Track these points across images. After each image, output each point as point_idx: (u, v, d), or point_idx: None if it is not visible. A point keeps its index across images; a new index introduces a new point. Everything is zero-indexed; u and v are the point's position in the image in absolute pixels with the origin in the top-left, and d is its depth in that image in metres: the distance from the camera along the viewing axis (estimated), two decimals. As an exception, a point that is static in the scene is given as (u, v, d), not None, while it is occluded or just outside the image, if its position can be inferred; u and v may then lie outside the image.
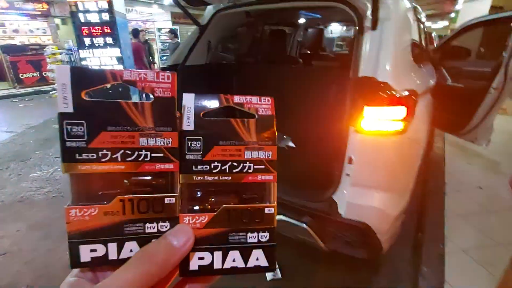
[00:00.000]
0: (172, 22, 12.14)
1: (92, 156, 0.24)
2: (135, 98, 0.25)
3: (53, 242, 2.17)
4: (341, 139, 1.47)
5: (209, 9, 2.26)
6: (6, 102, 7.20)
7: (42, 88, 8.32)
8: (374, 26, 1.44)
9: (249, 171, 0.27)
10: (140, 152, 0.25)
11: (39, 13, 9.25)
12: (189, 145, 0.26)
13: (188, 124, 0.26)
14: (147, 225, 0.25)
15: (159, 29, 12.30)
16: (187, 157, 0.26)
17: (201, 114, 0.26)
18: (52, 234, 2.25)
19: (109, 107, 0.24)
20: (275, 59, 2.57)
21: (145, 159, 0.25)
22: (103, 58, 4.92)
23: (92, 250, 0.24)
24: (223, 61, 2.71)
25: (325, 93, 2.07)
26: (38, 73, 8.68)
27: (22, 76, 8.51)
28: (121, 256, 0.24)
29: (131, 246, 0.24)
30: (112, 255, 0.24)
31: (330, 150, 1.67)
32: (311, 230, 1.55)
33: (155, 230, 0.25)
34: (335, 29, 6.29)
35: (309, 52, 3.06)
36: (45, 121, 5.31)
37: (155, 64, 6.79)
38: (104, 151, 0.24)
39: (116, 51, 4.89)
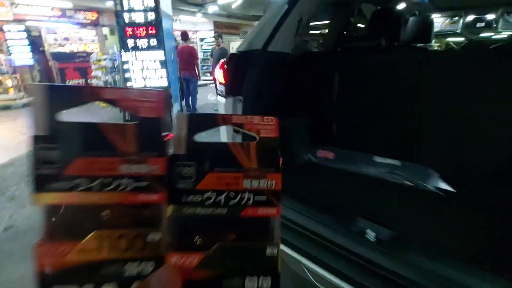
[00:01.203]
0: (214, 32, 11.90)
1: (66, 184, 0.21)
2: (117, 120, 0.11)
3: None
4: None
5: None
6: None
7: (86, 95, 8.28)
8: None
9: (249, 203, 0.24)
10: (121, 181, 0.22)
11: (89, 22, 9.42)
12: (180, 171, 0.23)
13: (179, 147, 0.23)
14: (128, 265, 0.21)
15: (202, 39, 12.13)
16: (177, 185, 0.23)
17: (194, 137, 0.23)
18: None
19: (85, 129, 0.21)
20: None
21: (127, 189, 0.22)
22: (146, 61, 4.42)
23: None
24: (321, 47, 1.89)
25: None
26: (84, 79, 8.74)
27: (68, 82, 8.59)
28: None
29: None
30: None
31: None
32: None
33: (137, 271, 0.21)
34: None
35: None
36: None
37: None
38: (80, 179, 0.21)
39: (160, 54, 4.36)
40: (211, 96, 8.85)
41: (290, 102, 1.58)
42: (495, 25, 3.32)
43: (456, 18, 3.54)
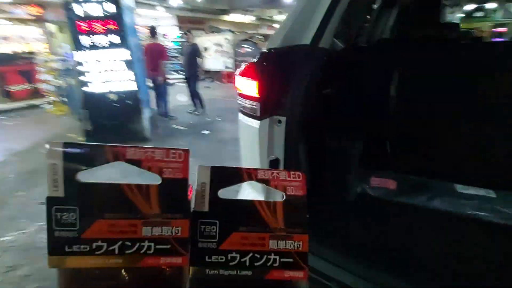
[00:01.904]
0: (179, 27, 11.11)
1: (85, 248, 0.21)
2: (140, 180, 0.21)
3: None
4: None
5: None
6: (-10, 120, 6.06)
7: (35, 102, 7.18)
8: None
9: (275, 265, 0.23)
10: (142, 244, 0.21)
11: (32, 18, 8.17)
12: (203, 230, 0.23)
13: (202, 204, 0.23)
14: None
15: (164, 34, 11.26)
16: (200, 245, 0.22)
17: (218, 193, 0.23)
18: None
19: (109, 191, 0.21)
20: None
21: (148, 252, 0.21)
22: (106, 62, 3.74)
23: None
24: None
25: None
26: (30, 85, 7.56)
27: (11, 88, 7.36)
28: None
29: None
30: None
31: None
32: None
33: None
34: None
35: None
36: (33, 145, 4.15)
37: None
38: (100, 243, 0.21)
39: (124, 53, 3.70)
40: (181, 96, 8.21)
41: (337, 117, 1.16)
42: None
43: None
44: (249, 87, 0.95)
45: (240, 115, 1.10)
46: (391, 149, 1.22)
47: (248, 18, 14.22)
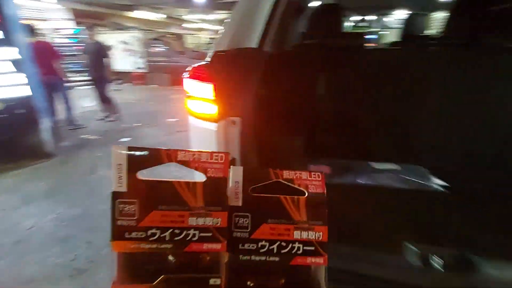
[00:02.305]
0: (76, 22, 9.66)
1: (141, 234, 0.24)
2: (188, 178, 0.25)
3: None
4: None
5: None
6: None
7: None
8: None
9: (298, 252, 0.26)
10: (189, 232, 0.24)
11: None
12: (237, 222, 0.25)
13: (236, 199, 0.26)
14: None
15: (56, 30, 9.61)
16: (234, 234, 0.25)
17: (249, 190, 0.26)
18: None
19: (163, 187, 0.25)
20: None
21: (193, 239, 0.25)
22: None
23: None
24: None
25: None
26: None
27: None
28: None
29: None
30: None
31: None
32: None
33: None
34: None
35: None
36: None
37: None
38: (154, 230, 0.24)
39: (11, 52, 3.04)
40: (87, 101, 7.24)
41: (279, 114, 1.27)
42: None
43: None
44: (204, 89, 0.96)
45: (192, 119, 1.08)
46: (324, 139, 1.41)
47: (156, 16, 13.42)
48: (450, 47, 1.48)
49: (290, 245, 0.26)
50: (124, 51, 10.02)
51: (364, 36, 1.61)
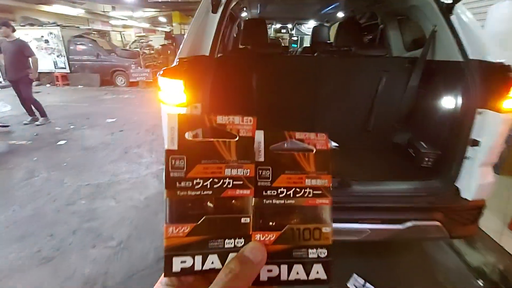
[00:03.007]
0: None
1: (188, 183, 0.28)
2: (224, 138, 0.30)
3: None
4: (459, 122, 1.43)
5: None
6: None
7: None
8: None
9: (309, 196, 0.31)
10: (225, 181, 0.29)
11: None
12: (260, 173, 0.30)
13: (259, 155, 0.30)
14: (226, 241, 0.29)
15: None
16: (259, 183, 0.30)
17: (269, 148, 0.31)
18: None
19: (204, 145, 0.29)
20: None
21: (228, 186, 0.29)
22: None
23: (182, 262, 0.28)
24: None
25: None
26: None
27: None
28: (204, 268, 0.28)
29: (212, 259, 0.28)
30: (198, 266, 0.28)
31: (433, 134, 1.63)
32: (443, 225, 1.45)
33: (232, 245, 0.29)
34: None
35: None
36: None
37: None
38: (198, 180, 0.29)
39: None
40: (2, 105, 6.55)
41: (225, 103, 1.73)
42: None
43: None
44: (175, 85, 1.33)
45: (165, 107, 1.44)
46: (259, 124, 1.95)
47: (77, 11, 12.28)
48: (337, 53, 2.20)
49: (303, 191, 0.30)
50: (40, 49, 9.04)
51: (282, 45, 2.23)
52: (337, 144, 1.84)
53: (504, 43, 3.14)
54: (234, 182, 0.29)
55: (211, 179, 0.29)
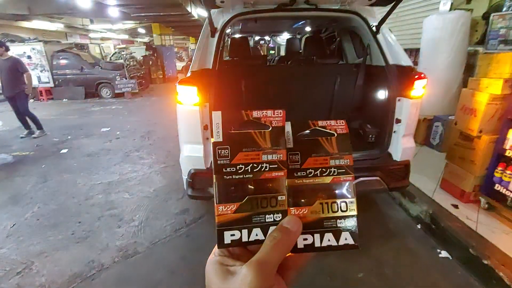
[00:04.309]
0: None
1: (233, 169, 0.33)
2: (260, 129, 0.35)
3: None
4: (387, 108, 2.09)
5: (223, 13, 2.24)
6: None
7: None
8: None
9: (334, 174, 0.35)
10: (262, 165, 0.34)
11: None
12: (291, 158, 0.35)
13: (289, 142, 0.35)
14: (267, 216, 0.33)
15: None
16: (290, 166, 0.35)
17: (297, 135, 0.35)
18: None
19: (244, 136, 0.34)
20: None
21: (265, 170, 0.34)
22: None
23: (232, 235, 0.32)
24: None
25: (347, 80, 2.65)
26: None
27: None
28: (250, 239, 0.33)
29: (256, 232, 0.33)
30: (244, 238, 0.33)
31: (374, 118, 2.26)
32: (382, 179, 2.10)
33: (272, 220, 0.33)
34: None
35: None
36: None
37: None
38: (240, 165, 0.34)
39: None
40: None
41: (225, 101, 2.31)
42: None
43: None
44: (191, 90, 1.89)
45: (180, 106, 1.99)
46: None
47: (56, 26, 12.39)
48: (304, 62, 2.88)
49: (328, 170, 0.34)
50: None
51: (261, 53, 2.89)
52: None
53: (438, 47, 3.96)
54: (270, 166, 0.34)
55: (251, 164, 0.33)
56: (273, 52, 10.29)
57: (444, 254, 2.18)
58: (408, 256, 2.20)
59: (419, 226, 2.56)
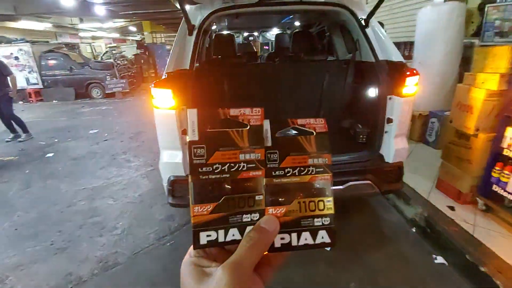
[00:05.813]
0: None
1: (209, 169, 0.32)
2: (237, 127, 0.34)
3: None
4: (378, 106, 1.97)
5: (201, 10, 2.10)
6: None
7: None
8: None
9: (312, 173, 0.35)
10: (240, 164, 0.33)
11: None
12: (269, 157, 0.34)
13: (267, 142, 0.34)
14: (244, 216, 0.33)
15: None
16: (268, 165, 0.34)
17: (276, 134, 0.35)
18: None
19: (221, 134, 0.33)
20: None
21: (243, 169, 0.33)
22: None
23: (207, 236, 0.32)
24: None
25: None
26: None
27: None
28: (227, 239, 0.32)
29: (233, 232, 0.32)
30: (221, 239, 0.32)
31: (365, 117, 2.14)
32: (373, 183, 1.97)
33: (249, 219, 0.33)
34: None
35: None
36: None
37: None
38: (217, 165, 0.32)
39: None
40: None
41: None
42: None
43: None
44: (165, 93, 1.75)
45: (156, 110, 1.85)
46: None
47: (44, 25, 12.11)
48: (293, 58, 2.74)
49: (306, 169, 0.34)
50: (11, 67, 8.93)
51: (253, 49, 2.75)
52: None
53: (432, 40, 3.83)
54: (248, 165, 0.33)
55: (228, 164, 0.32)
56: (266, 48, 10.09)
57: (439, 260, 2.07)
58: (402, 262, 2.09)
59: (414, 230, 2.45)
